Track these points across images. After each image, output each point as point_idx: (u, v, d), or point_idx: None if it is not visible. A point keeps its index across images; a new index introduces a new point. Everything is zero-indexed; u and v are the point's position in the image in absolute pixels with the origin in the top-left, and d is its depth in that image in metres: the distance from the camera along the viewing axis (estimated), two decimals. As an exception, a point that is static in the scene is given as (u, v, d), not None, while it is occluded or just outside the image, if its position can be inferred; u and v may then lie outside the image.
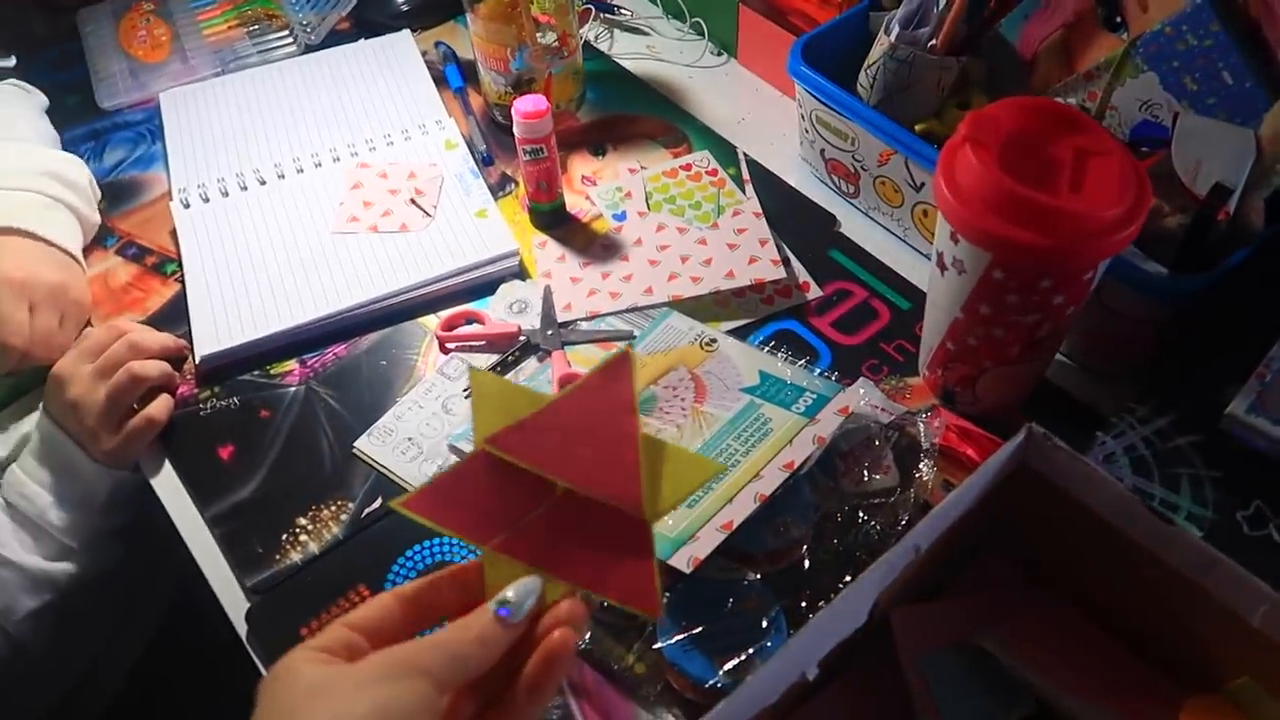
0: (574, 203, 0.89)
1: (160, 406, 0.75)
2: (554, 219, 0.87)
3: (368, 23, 1.07)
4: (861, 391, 0.70)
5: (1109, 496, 0.53)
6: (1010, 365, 0.67)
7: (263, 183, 0.89)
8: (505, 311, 0.81)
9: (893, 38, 0.79)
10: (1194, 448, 0.56)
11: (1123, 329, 0.69)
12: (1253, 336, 0.59)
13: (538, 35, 0.90)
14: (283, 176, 0.90)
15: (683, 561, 0.60)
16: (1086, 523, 0.55)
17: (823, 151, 0.86)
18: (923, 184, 0.78)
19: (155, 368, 0.75)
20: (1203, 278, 0.64)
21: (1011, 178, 0.57)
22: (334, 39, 1.05)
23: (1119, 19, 0.73)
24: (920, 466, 0.68)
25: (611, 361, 0.44)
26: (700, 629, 0.60)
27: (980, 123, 0.60)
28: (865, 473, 0.67)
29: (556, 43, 0.91)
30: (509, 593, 0.40)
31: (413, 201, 0.86)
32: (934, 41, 0.79)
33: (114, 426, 0.73)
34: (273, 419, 0.75)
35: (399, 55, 1.02)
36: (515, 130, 0.80)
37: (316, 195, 0.88)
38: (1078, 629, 0.57)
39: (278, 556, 0.68)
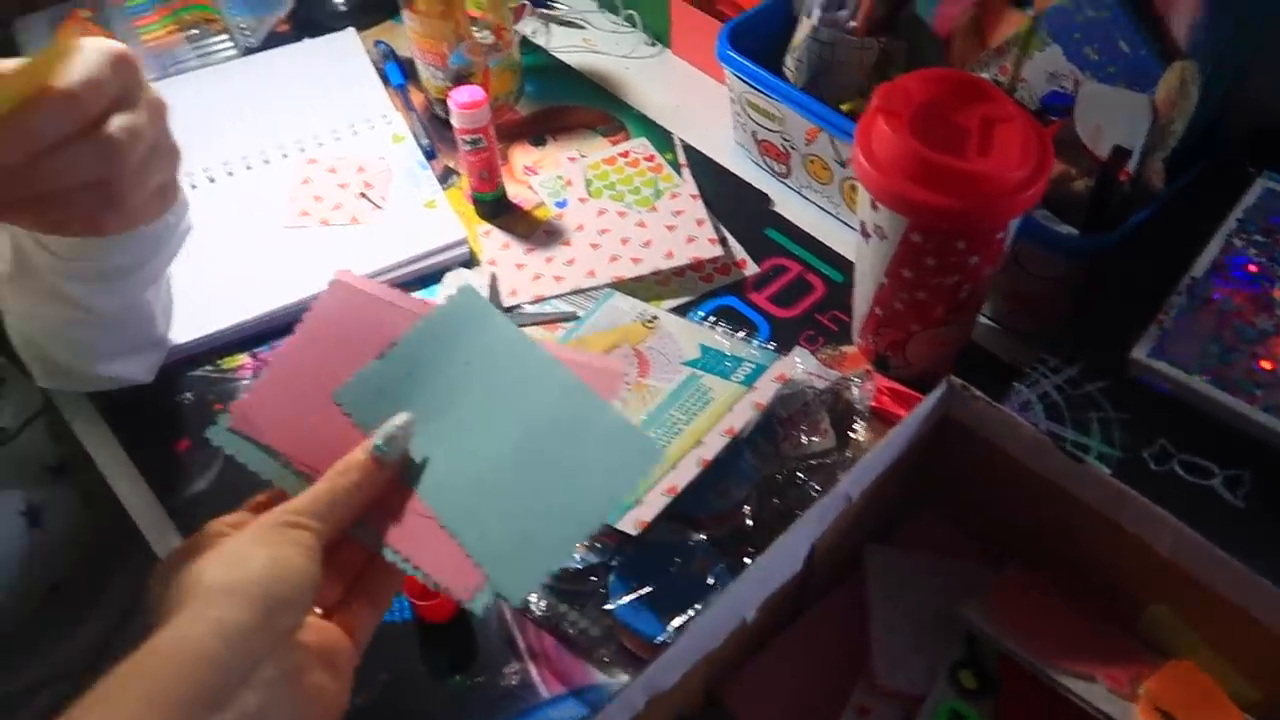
0: (516, 192, 0.91)
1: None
2: (497, 208, 0.89)
3: (307, 23, 1.08)
4: (797, 360, 0.73)
5: (1024, 440, 0.56)
6: (936, 328, 0.70)
7: (212, 180, 0.90)
8: (452, 299, 0.83)
9: (814, 20, 0.82)
10: (1102, 393, 0.60)
11: (1039, 289, 0.73)
12: (1155, 289, 0.63)
13: (473, 31, 0.92)
14: (231, 174, 0.91)
15: (629, 524, 0.62)
16: (1007, 467, 0.58)
17: (754, 133, 0.89)
18: (848, 160, 0.81)
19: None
20: (1108, 236, 0.68)
21: (923, 144, 0.60)
22: (273, 40, 1.06)
23: (1024, -5, 0.77)
24: (855, 428, 0.71)
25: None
26: (649, 589, 0.62)
27: (891, 94, 0.63)
28: (803, 436, 0.70)
29: (492, 38, 0.93)
30: (380, 436, 0.45)
31: (362, 195, 0.88)
32: (854, 23, 0.83)
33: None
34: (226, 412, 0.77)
35: (343, 53, 1.03)
36: (453, 121, 0.82)
37: (267, 191, 0.89)
38: (1043, 594, 0.60)
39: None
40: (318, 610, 0.44)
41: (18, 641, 0.78)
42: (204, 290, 0.81)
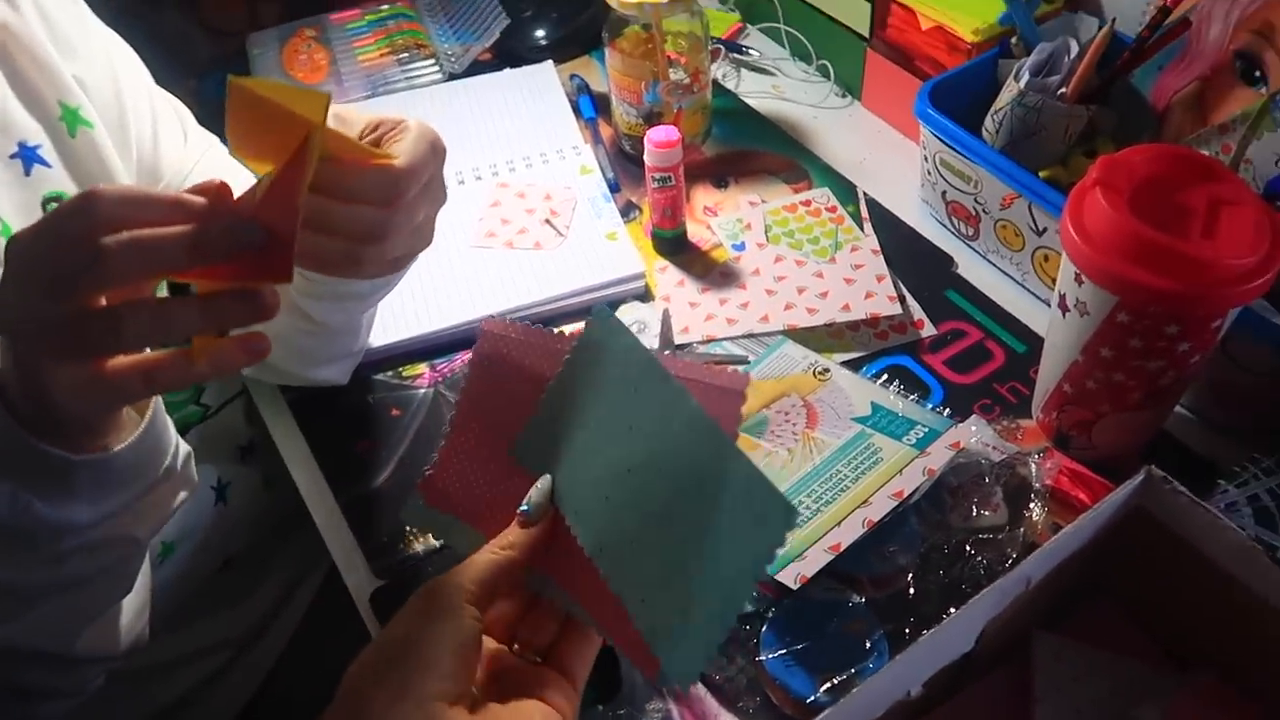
0: (695, 231, 0.92)
1: (199, 352, 0.44)
2: (675, 245, 0.90)
3: (508, 54, 1.13)
4: (974, 429, 0.71)
5: (1229, 545, 0.52)
6: (1129, 412, 0.67)
7: (407, 198, 0.95)
8: (625, 330, 0.84)
9: (1022, 84, 0.80)
10: (1322, 503, 0.56)
11: (1248, 383, 0.68)
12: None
13: (670, 72, 0.94)
14: (426, 192, 0.95)
15: (790, 578, 0.61)
16: (1204, 572, 0.54)
17: (944, 194, 0.87)
18: (1045, 229, 0.78)
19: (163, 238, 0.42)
20: (1336, 335, 0.63)
21: (1143, 222, 0.58)
22: (476, 68, 1.11)
23: (1258, 73, 0.73)
24: (1030, 506, 0.68)
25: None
26: (803, 646, 0.61)
27: (1112, 167, 0.61)
28: (974, 508, 0.68)
29: (688, 79, 0.95)
30: (524, 503, 0.49)
31: (547, 221, 0.91)
32: (1064, 90, 0.80)
33: (66, 346, 0.42)
34: (402, 418, 0.80)
35: (540, 84, 1.08)
36: (646, 158, 0.84)
37: (458, 211, 0.93)
38: (1227, 711, 0.56)
39: (402, 545, 0.72)
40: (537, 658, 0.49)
41: (188, 610, 0.83)
42: (392, 300, 0.85)
